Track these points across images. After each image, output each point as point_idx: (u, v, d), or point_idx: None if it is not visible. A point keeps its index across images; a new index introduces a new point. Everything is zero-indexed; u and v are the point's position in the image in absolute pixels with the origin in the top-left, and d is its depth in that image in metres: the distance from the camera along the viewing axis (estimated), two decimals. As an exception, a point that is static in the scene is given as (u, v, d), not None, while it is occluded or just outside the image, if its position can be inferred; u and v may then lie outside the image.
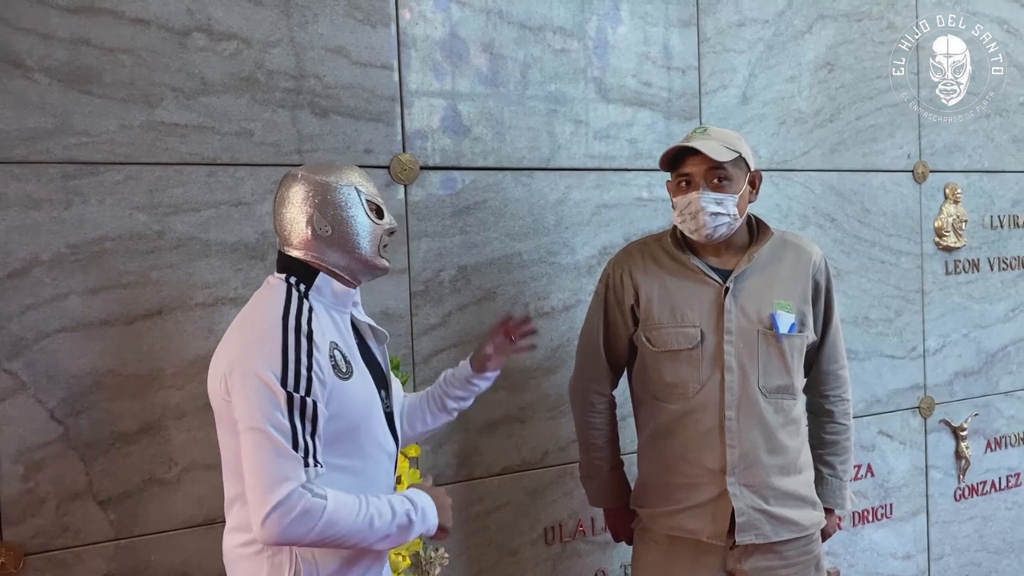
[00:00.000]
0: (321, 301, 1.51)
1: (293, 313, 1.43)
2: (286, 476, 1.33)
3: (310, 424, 1.37)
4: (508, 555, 2.35)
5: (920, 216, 3.04)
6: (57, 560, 1.85)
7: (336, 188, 1.52)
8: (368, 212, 1.54)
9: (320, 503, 1.34)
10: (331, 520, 1.34)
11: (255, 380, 1.37)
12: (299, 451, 1.34)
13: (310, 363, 1.38)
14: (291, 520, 1.31)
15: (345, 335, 1.52)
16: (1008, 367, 3.27)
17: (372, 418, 1.52)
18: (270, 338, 1.39)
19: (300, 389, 1.36)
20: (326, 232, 1.51)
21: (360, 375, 1.51)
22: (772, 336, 1.86)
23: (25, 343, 1.82)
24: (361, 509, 1.39)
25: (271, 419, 1.35)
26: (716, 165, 1.82)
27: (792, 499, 1.86)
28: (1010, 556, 3.31)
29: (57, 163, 1.83)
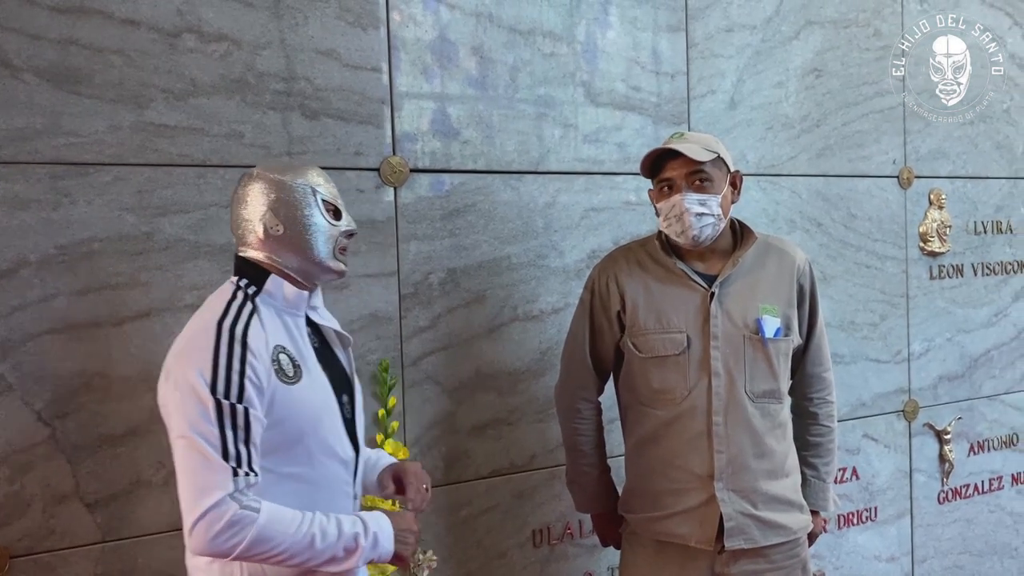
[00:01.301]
0: (272, 304, 1.47)
1: (230, 318, 1.39)
2: (214, 485, 1.29)
3: (242, 432, 1.32)
4: (496, 557, 2.35)
5: (905, 221, 3.07)
6: (43, 563, 1.84)
7: (291, 187, 1.49)
8: (324, 213, 1.50)
9: (250, 515, 1.29)
10: (263, 535, 1.30)
11: (185, 386, 1.34)
12: (229, 460, 1.30)
13: (242, 369, 1.34)
14: (217, 531, 1.28)
15: (297, 339, 1.48)
16: (991, 371, 3.31)
17: (324, 424, 1.47)
18: (203, 343, 1.36)
19: (231, 396, 1.33)
20: (278, 232, 1.48)
21: (311, 380, 1.46)
22: (758, 341, 1.87)
23: (12, 344, 1.81)
24: (302, 526, 1.34)
25: (199, 427, 1.31)
26: (696, 168, 1.83)
27: (780, 503, 1.87)
28: (992, 559, 3.34)
29: (45, 163, 1.83)
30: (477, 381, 2.32)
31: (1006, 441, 3.37)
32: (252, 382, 1.35)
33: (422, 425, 2.24)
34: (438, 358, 2.26)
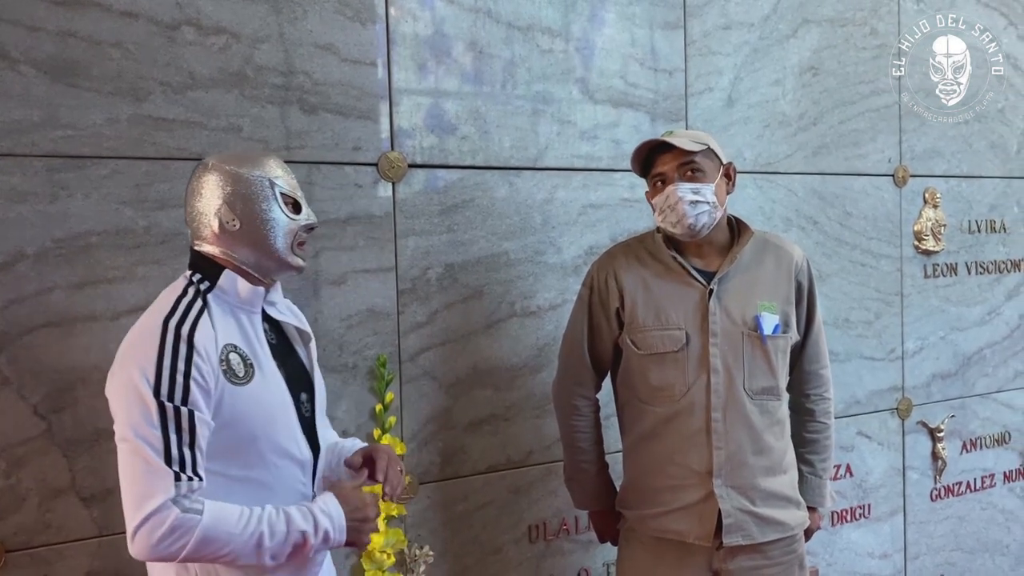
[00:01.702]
0: (225, 301, 1.43)
1: (177, 316, 1.35)
2: (155, 491, 1.26)
3: (187, 435, 1.29)
4: (492, 553, 2.36)
5: (900, 220, 3.09)
6: (39, 557, 1.83)
7: (247, 179, 1.43)
8: (282, 206, 1.45)
9: (193, 519, 1.26)
10: (207, 537, 1.27)
11: (129, 387, 1.31)
12: (172, 464, 1.27)
13: (187, 370, 1.30)
14: (159, 537, 1.26)
15: (251, 337, 1.44)
16: (984, 369, 3.32)
17: (278, 425, 1.42)
18: (148, 343, 1.32)
19: (175, 398, 1.29)
20: (234, 226, 1.42)
21: (264, 379, 1.42)
22: (757, 338, 1.88)
23: (8, 337, 1.80)
24: (248, 525, 1.31)
25: (141, 430, 1.28)
26: (686, 159, 1.84)
27: (778, 499, 1.88)
28: (984, 556, 3.36)
29: (42, 156, 1.82)
30: (474, 377, 2.31)
31: (998, 439, 3.39)
32: (198, 383, 1.31)
33: (419, 420, 2.23)
34: (435, 354, 2.26)
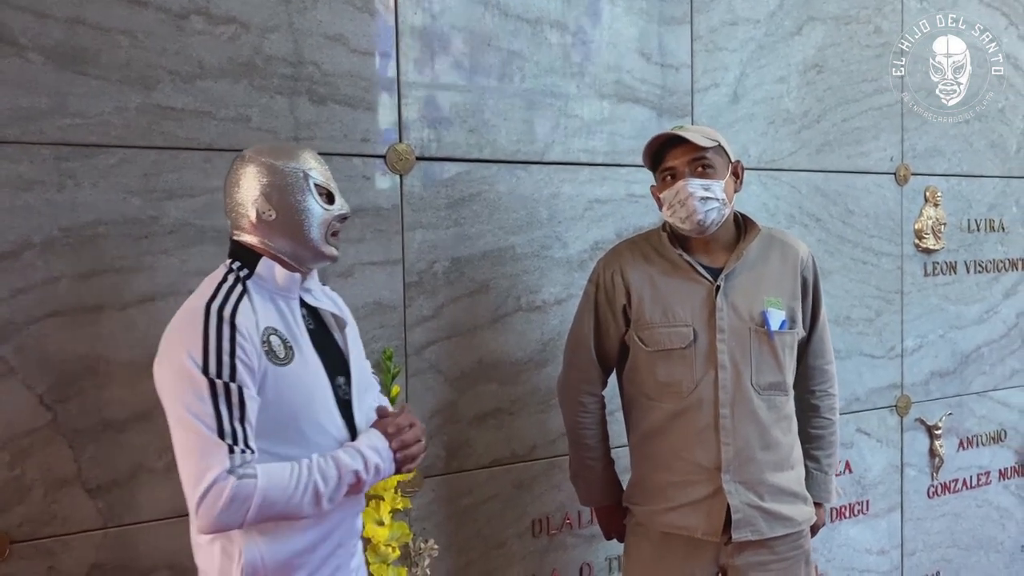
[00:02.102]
0: (264, 287, 1.47)
1: (219, 300, 1.39)
2: (211, 464, 1.30)
3: (237, 409, 1.33)
4: (496, 547, 2.36)
5: (901, 218, 3.10)
6: (44, 548, 1.82)
7: (283, 171, 1.48)
8: (317, 197, 1.49)
9: (250, 484, 1.31)
10: (266, 499, 1.32)
11: (178, 369, 1.35)
12: (225, 438, 1.31)
13: (232, 349, 1.35)
14: (220, 509, 1.30)
15: (290, 321, 1.48)
16: (981, 368, 3.34)
17: (317, 405, 1.47)
18: (193, 325, 1.36)
19: (223, 375, 1.33)
20: (270, 216, 1.47)
21: (304, 361, 1.46)
22: (764, 333, 1.88)
23: (15, 327, 1.78)
24: (301, 480, 1.36)
25: (193, 408, 1.32)
26: (698, 154, 1.84)
27: (785, 495, 1.88)
28: (979, 553, 3.39)
29: (50, 144, 1.80)
30: (479, 371, 2.31)
31: (994, 437, 3.41)
32: (243, 362, 1.35)
33: (424, 414, 2.23)
34: (441, 347, 2.26)
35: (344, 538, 1.54)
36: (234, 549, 1.41)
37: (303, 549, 1.45)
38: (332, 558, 1.51)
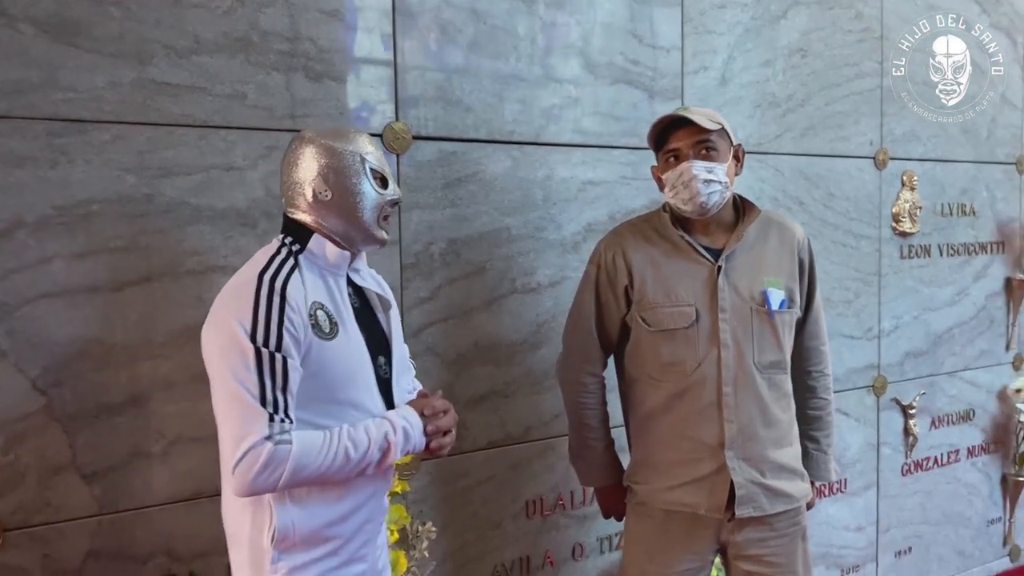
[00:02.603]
0: (314, 263, 1.50)
1: (271, 271, 1.42)
2: (251, 430, 1.34)
3: (280, 379, 1.37)
4: (492, 528, 2.36)
5: (880, 201, 3.15)
6: (38, 536, 1.77)
7: (341, 154, 1.51)
8: (372, 181, 1.52)
9: (285, 449, 1.34)
10: (299, 463, 1.35)
11: (226, 335, 1.38)
12: (267, 406, 1.35)
13: (281, 319, 1.38)
14: (256, 472, 1.33)
15: (337, 298, 1.51)
16: (952, 348, 3.43)
17: (358, 381, 1.50)
18: (244, 294, 1.39)
19: (270, 344, 1.36)
20: (326, 196, 1.50)
21: (347, 338, 1.49)
22: (765, 313, 1.90)
23: (7, 309, 1.72)
24: (332, 445, 1.39)
25: (239, 375, 1.35)
26: (702, 137, 1.85)
27: (785, 471, 1.91)
28: (947, 528, 3.49)
29: (42, 119, 1.74)
30: (475, 353, 2.30)
31: (963, 416, 3.51)
32: (290, 332, 1.38)
33: (421, 396, 2.21)
34: (438, 329, 2.24)
35: (373, 513, 1.55)
36: (265, 517, 1.43)
37: (334, 520, 1.47)
38: (361, 532, 1.53)
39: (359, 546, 1.52)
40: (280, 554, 1.43)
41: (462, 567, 2.31)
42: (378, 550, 1.60)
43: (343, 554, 1.49)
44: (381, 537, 1.61)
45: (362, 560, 1.54)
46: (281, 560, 1.43)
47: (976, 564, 3.60)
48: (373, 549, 1.57)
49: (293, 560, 1.43)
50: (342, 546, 1.48)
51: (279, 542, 1.42)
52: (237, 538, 1.49)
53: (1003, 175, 3.55)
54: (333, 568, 1.48)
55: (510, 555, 2.39)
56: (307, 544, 1.44)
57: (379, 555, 1.61)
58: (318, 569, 1.46)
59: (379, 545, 1.60)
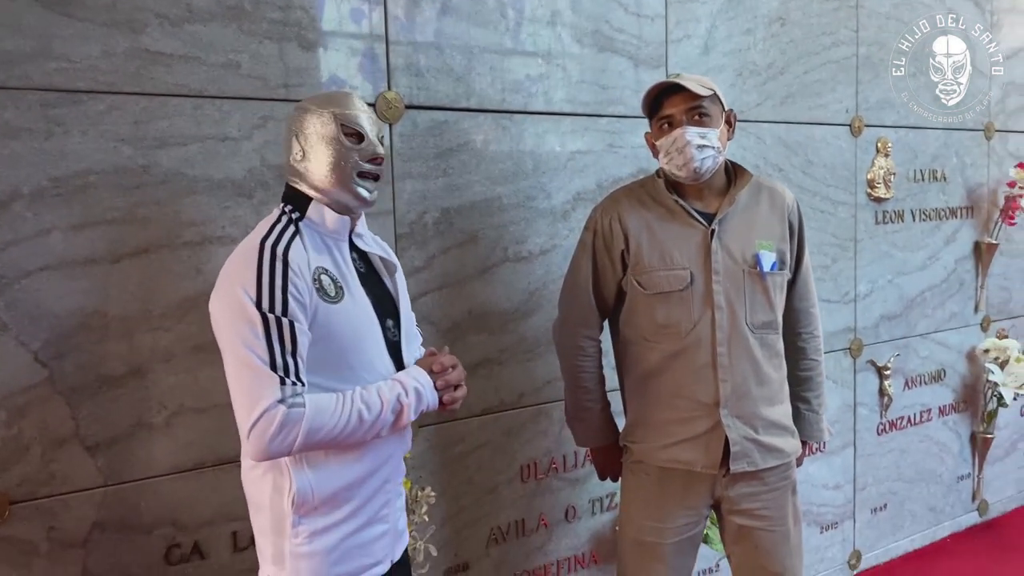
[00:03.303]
0: (315, 230, 1.51)
1: (272, 238, 1.43)
2: (264, 394, 1.35)
3: (289, 343, 1.38)
4: (487, 492, 2.40)
5: (855, 168, 3.22)
6: (44, 508, 1.77)
7: (313, 113, 1.51)
8: (343, 137, 1.50)
9: (298, 412, 1.36)
10: (313, 426, 1.37)
11: (233, 304, 1.38)
12: (277, 370, 1.36)
13: (285, 284, 1.39)
14: (271, 435, 1.35)
15: (340, 262, 1.52)
16: (925, 311, 3.53)
17: (366, 344, 1.51)
18: (247, 263, 1.40)
19: (276, 309, 1.37)
20: (298, 158, 1.51)
21: (353, 301, 1.50)
22: (757, 275, 1.95)
23: (6, 282, 1.71)
24: (345, 407, 1.41)
25: (248, 341, 1.36)
26: (695, 103, 1.89)
27: (777, 428, 1.97)
28: (920, 485, 3.60)
29: (36, 90, 1.72)
30: (469, 322, 2.33)
31: (935, 376, 3.62)
32: (295, 297, 1.39)
33: (417, 364, 2.23)
34: (432, 299, 2.26)
35: (392, 474, 1.58)
36: (284, 481, 1.45)
37: (352, 482, 1.48)
38: (380, 493, 1.55)
39: (379, 507, 1.54)
40: (300, 518, 1.45)
41: (459, 530, 2.36)
42: (398, 512, 1.62)
43: (363, 515, 1.51)
44: (400, 500, 1.63)
45: (383, 521, 1.56)
46: (302, 523, 1.45)
47: (947, 519, 3.73)
48: (393, 510, 1.59)
49: (314, 523, 1.46)
50: (362, 507, 1.51)
51: (299, 506, 1.44)
52: (258, 503, 1.50)
53: (971, 141, 3.64)
54: (355, 531, 1.50)
55: (505, 518, 2.44)
56: (327, 507, 1.46)
57: (399, 517, 1.63)
58: (340, 532, 1.48)
59: (399, 508, 1.62)
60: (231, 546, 1.98)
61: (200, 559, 1.95)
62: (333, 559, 1.47)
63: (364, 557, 1.52)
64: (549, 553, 2.54)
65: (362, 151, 1.51)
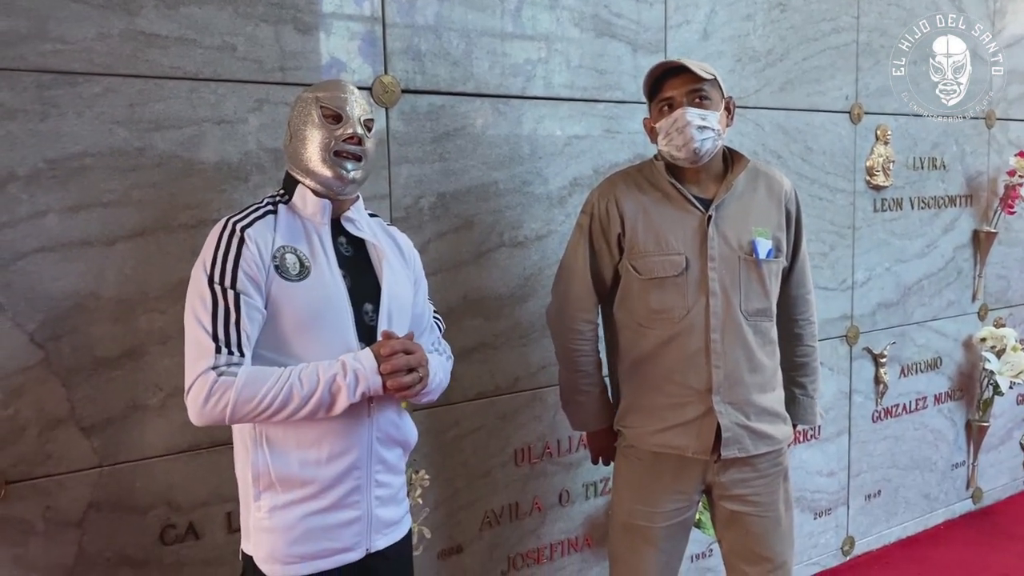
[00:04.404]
0: (297, 212, 1.58)
1: (238, 216, 1.52)
2: (200, 363, 1.43)
3: (233, 314, 1.44)
4: (481, 476, 2.41)
5: (854, 155, 3.22)
6: (40, 488, 1.79)
7: (300, 100, 1.59)
8: (320, 119, 1.55)
9: (228, 380, 1.42)
10: (243, 395, 1.42)
11: (194, 278, 1.48)
12: (217, 340, 1.43)
13: (237, 259, 1.46)
14: (202, 399, 1.42)
15: (315, 244, 1.55)
16: (922, 299, 3.53)
17: (323, 324, 1.52)
18: (211, 239, 1.50)
19: (224, 282, 1.45)
20: (287, 141, 1.60)
21: (320, 282, 1.52)
22: (752, 262, 1.95)
23: (1, 263, 1.72)
24: (280, 381, 1.44)
25: (197, 312, 1.45)
26: (696, 85, 1.88)
27: (768, 415, 1.98)
28: (915, 472, 3.62)
29: (32, 71, 1.72)
30: (465, 306, 2.33)
31: (931, 364, 3.62)
32: (245, 272, 1.46)
33: (412, 348, 2.24)
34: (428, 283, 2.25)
35: (361, 461, 1.57)
36: (248, 457, 1.53)
37: (308, 463, 1.51)
38: (347, 478, 1.55)
39: (346, 493, 1.55)
40: (260, 492, 1.52)
41: (453, 514, 2.37)
42: (376, 501, 1.60)
43: (326, 498, 1.53)
44: (382, 491, 1.61)
45: (351, 507, 1.56)
46: (262, 497, 1.52)
47: (941, 506, 3.75)
48: (366, 499, 1.58)
49: (274, 499, 1.52)
50: (324, 491, 1.52)
51: (255, 480, 1.52)
52: (237, 475, 1.59)
53: (972, 130, 3.63)
54: (318, 511, 1.52)
55: (499, 501, 2.46)
56: (284, 485, 1.51)
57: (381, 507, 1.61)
58: (300, 510, 1.52)
59: (379, 498, 1.60)
60: (226, 527, 2.00)
61: (195, 539, 1.97)
62: (292, 537, 1.52)
63: (328, 541, 1.54)
64: (543, 536, 2.56)
65: (339, 131, 1.55)
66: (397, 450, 1.66)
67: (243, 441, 1.55)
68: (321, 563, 1.54)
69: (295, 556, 1.52)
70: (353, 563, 1.58)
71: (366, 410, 1.56)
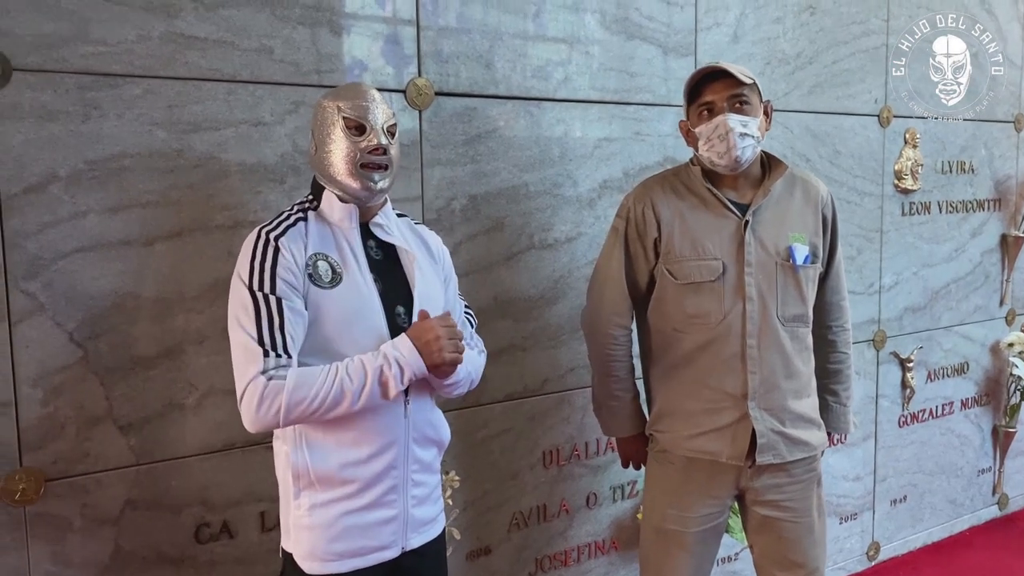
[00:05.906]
0: (325, 219, 1.59)
1: (270, 226, 1.53)
2: (249, 368, 1.44)
3: (277, 318, 1.45)
4: (510, 478, 2.42)
5: (883, 159, 3.20)
6: (78, 486, 1.81)
7: (321, 107, 1.58)
8: (344, 130, 1.55)
9: (279, 383, 1.43)
10: (295, 397, 1.43)
11: (234, 285, 1.50)
12: (263, 345, 1.43)
13: (275, 266, 1.47)
14: (255, 406, 1.43)
15: (345, 250, 1.57)
16: (949, 304, 3.51)
17: (358, 329, 1.53)
18: (246, 248, 1.51)
19: (264, 288, 1.46)
20: (313, 151, 1.60)
21: (353, 288, 1.54)
22: (790, 267, 1.94)
23: (43, 263, 1.74)
24: (328, 377, 1.46)
25: (241, 320, 1.46)
26: (737, 91, 1.87)
27: (803, 421, 1.97)
28: (941, 478, 3.59)
29: (73, 73, 1.73)
30: (495, 308, 2.34)
31: (958, 369, 3.60)
32: (283, 279, 1.48)
33: (443, 350, 2.24)
34: (459, 285, 2.26)
35: (398, 461, 1.59)
36: (289, 457, 1.55)
37: (348, 463, 1.54)
38: (386, 478, 1.57)
39: (383, 492, 1.57)
40: (300, 490, 1.55)
41: (482, 514, 2.38)
42: (413, 500, 1.62)
43: (365, 497, 1.55)
44: (420, 490, 1.63)
45: (388, 506, 1.58)
46: (302, 495, 1.55)
47: (967, 512, 3.72)
48: (403, 498, 1.60)
49: (314, 497, 1.54)
50: (362, 490, 1.55)
51: (295, 479, 1.54)
52: (278, 475, 1.61)
53: (1001, 133, 3.60)
54: (356, 510, 1.55)
55: (527, 503, 2.46)
56: (324, 484, 1.54)
57: (418, 506, 1.63)
58: (339, 508, 1.54)
59: (416, 496, 1.62)
60: (259, 526, 2.01)
61: (229, 538, 1.98)
62: (331, 535, 1.54)
63: (366, 539, 1.56)
64: (570, 539, 2.56)
65: (363, 143, 1.55)
66: (432, 450, 1.68)
67: (283, 441, 1.56)
68: (359, 561, 1.56)
69: (334, 554, 1.54)
70: (389, 561, 1.60)
71: (403, 411, 1.58)
